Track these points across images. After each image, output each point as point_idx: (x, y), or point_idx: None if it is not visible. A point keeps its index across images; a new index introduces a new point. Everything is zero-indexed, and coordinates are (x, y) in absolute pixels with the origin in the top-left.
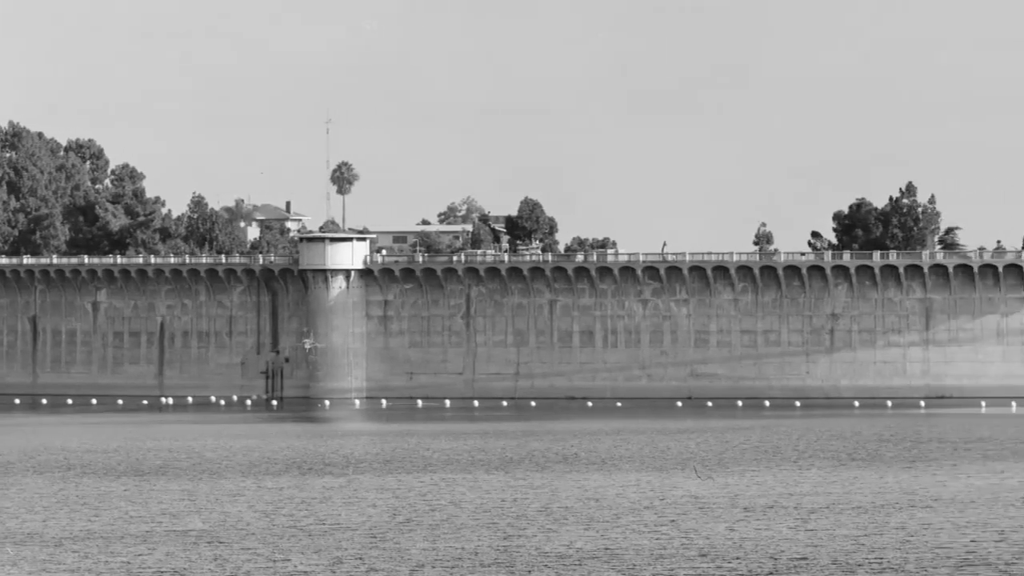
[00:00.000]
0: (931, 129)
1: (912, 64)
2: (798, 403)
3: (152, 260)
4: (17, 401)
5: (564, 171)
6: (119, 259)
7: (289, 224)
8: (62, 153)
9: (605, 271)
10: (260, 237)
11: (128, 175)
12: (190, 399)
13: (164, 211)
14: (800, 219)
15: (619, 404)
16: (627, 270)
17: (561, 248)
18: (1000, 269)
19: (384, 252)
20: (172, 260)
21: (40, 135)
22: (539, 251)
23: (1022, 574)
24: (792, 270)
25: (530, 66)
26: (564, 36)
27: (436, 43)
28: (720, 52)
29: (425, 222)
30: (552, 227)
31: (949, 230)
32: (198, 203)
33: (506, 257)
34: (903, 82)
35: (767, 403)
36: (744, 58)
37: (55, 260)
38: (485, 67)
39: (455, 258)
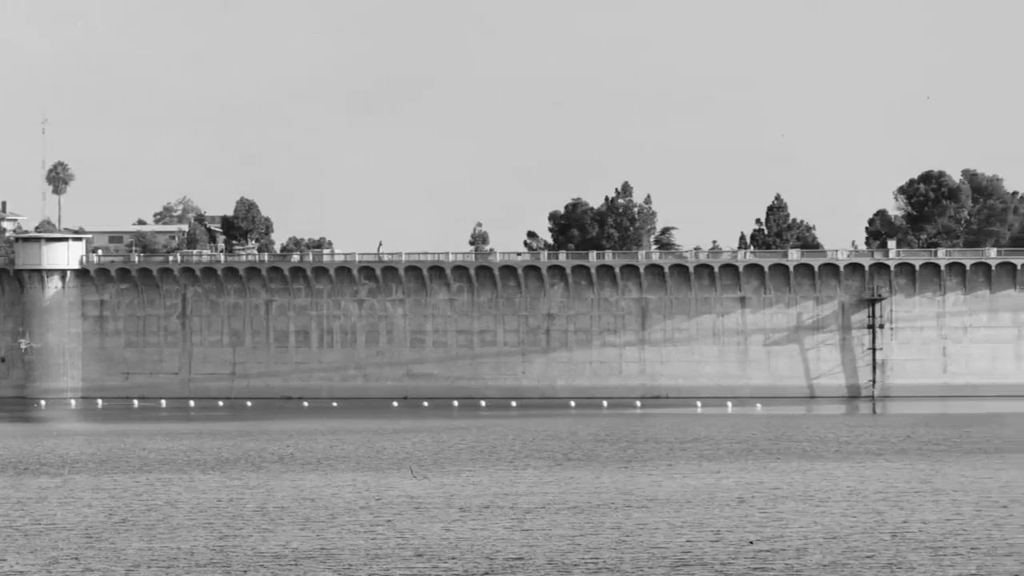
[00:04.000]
0: (647, 129)
1: (628, 65)
2: (514, 403)
3: None
4: None
5: (280, 171)
6: None
7: (4, 224)
8: None
9: (321, 271)
10: None
11: None
12: None
13: None
14: (516, 219)
15: (335, 404)
16: (343, 270)
17: (277, 248)
18: (716, 269)
19: (100, 252)
20: None
21: None
22: (255, 251)
23: (738, 574)
24: (508, 270)
25: (246, 66)
26: (280, 36)
27: (152, 42)
28: (435, 52)
29: (141, 222)
30: (268, 227)
31: (665, 230)
32: None
33: (222, 257)
34: (619, 82)
35: (483, 403)
36: (459, 58)
37: None
38: (201, 66)
39: (171, 258)
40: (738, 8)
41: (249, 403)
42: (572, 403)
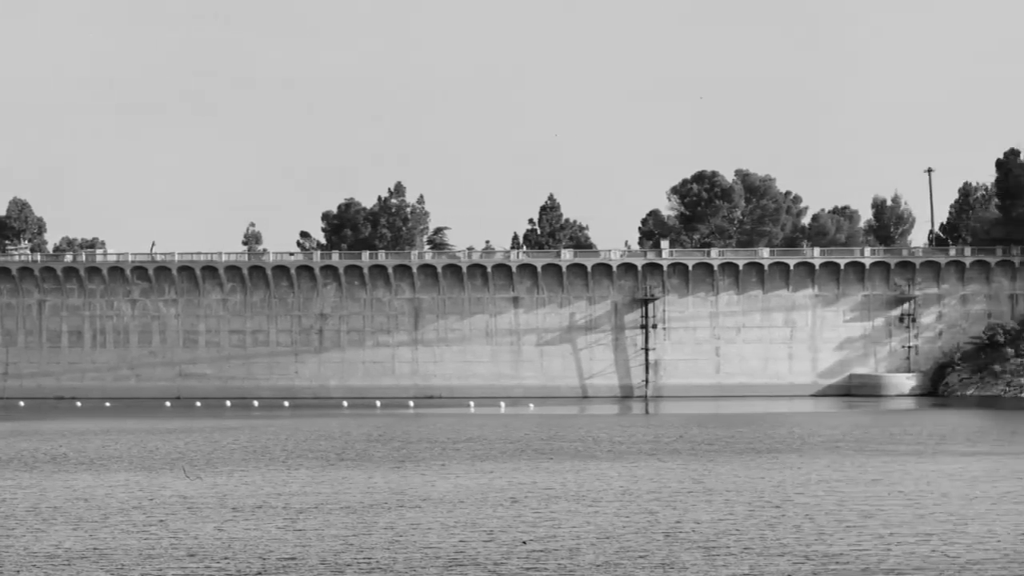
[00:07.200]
0: (419, 129)
1: (399, 64)
2: (287, 403)
3: None
4: None
5: (53, 171)
6: None
7: None
8: None
9: (94, 271)
10: None
11: None
12: None
13: None
14: (289, 219)
15: (108, 404)
16: (116, 270)
17: (50, 248)
18: (488, 269)
19: None
20: None
21: None
22: (28, 251)
23: (511, 574)
24: (281, 270)
25: (19, 63)
26: (52, 34)
27: None
28: (211, 52)
29: None
30: (41, 227)
31: (438, 230)
32: None
33: None
34: (391, 82)
35: (256, 403)
36: (235, 57)
37: None
38: None
39: None
40: (507, 6)
41: (22, 403)
42: (345, 403)
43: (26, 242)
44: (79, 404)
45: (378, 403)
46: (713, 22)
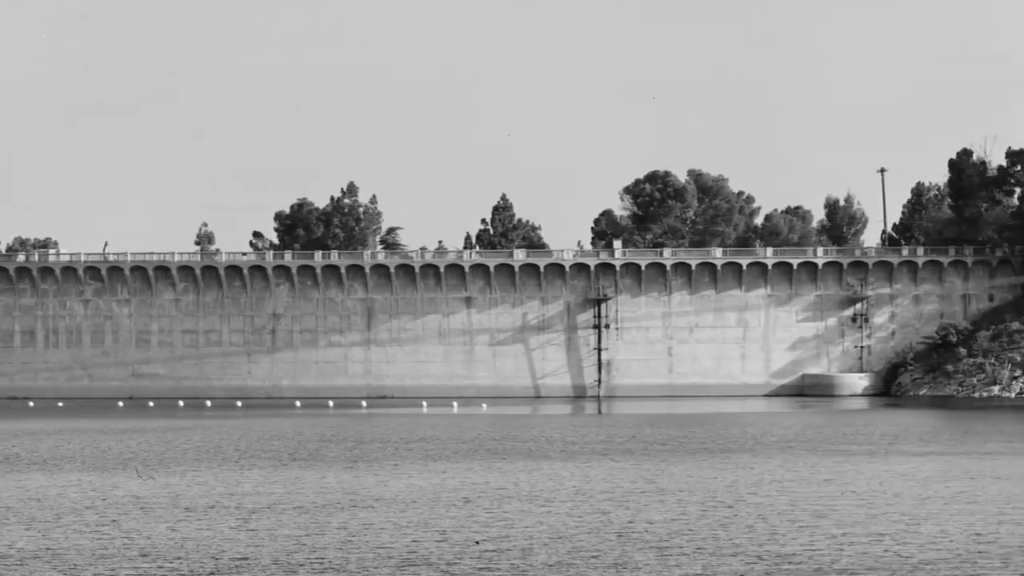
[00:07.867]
0: (371, 129)
1: (352, 64)
2: (240, 403)
3: None
4: None
5: (5, 170)
6: None
7: None
8: None
9: (47, 271)
10: None
11: None
12: None
13: None
14: (242, 219)
15: (61, 404)
16: (69, 270)
17: (2, 248)
18: (442, 269)
19: None
20: None
21: None
22: None
23: (463, 574)
24: (234, 270)
25: None
26: (4, 33)
27: None
28: (162, 51)
29: None
30: None
31: (390, 230)
32: None
33: None
34: (343, 82)
35: (209, 403)
36: (185, 58)
37: None
38: None
39: None
40: (461, 6)
41: None
42: (298, 403)
43: None
44: (32, 404)
45: (331, 403)
46: (666, 22)
